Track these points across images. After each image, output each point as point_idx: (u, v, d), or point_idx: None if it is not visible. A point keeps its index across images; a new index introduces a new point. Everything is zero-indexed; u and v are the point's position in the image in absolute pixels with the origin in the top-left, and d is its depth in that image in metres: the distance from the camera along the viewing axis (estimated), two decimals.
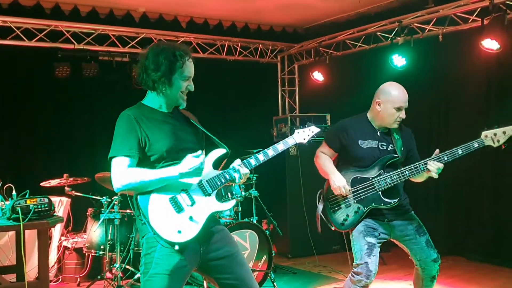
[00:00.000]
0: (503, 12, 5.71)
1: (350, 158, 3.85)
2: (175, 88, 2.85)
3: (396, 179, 3.71)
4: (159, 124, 2.86)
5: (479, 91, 6.63)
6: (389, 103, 3.80)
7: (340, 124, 4.01)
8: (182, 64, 2.82)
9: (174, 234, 2.69)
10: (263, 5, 7.17)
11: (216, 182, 2.89)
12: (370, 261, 3.64)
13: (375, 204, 3.73)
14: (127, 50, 7.18)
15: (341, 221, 3.80)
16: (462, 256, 6.70)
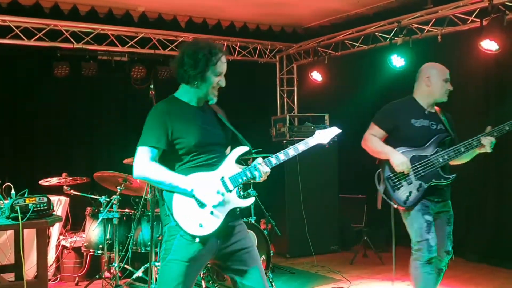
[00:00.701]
0: (502, 13, 5.73)
1: (402, 138, 3.96)
2: (207, 83, 2.96)
3: (452, 155, 3.89)
4: (189, 118, 2.95)
5: (478, 91, 6.64)
6: (437, 76, 4.01)
7: (390, 106, 4.16)
8: (217, 61, 2.94)
9: (196, 228, 2.82)
10: (262, 5, 7.17)
11: (237, 179, 2.96)
12: (430, 237, 3.80)
13: (435, 180, 3.89)
14: (126, 50, 7.19)
15: (404, 199, 3.91)
16: (461, 257, 6.70)
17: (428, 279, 3.86)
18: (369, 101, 7.78)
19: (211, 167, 2.95)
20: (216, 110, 3.15)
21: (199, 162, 2.93)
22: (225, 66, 3.01)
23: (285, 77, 8.98)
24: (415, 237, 3.88)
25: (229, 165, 2.99)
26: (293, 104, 8.99)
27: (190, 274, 2.86)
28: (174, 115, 2.90)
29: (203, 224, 2.84)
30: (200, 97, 3.02)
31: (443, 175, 3.91)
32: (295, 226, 7.09)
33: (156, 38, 7.35)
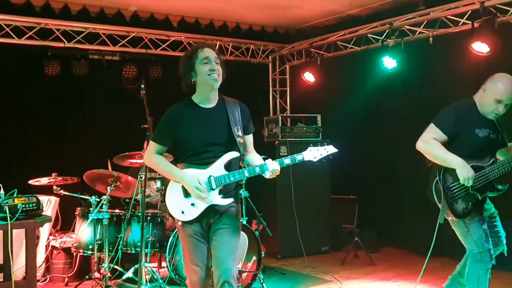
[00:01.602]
0: (493, 15, 5.76)
1: (464, 146, 3.85)
2: (201, 73, 3.34)
3: (508, 167, 3.82)
4: (195, 120, 3.38)
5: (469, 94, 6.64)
6: (492, 94, 3.82)
7: (455, 109, 3.97)
8: (196, 54, 3.36)
9: (179, 213, 3.38)
10: (255, 5, 7.17)
11: (221, 180, 3.35)
12: (490, 246, 3.86)
13: (489, 191, 3.88)
14: (117, 49, 7.16)
15: (461, 210, 3.85)
16: (451, 257, 6.72)
17: (487, 286, 3.91)
18: (361, 102, 7.82)
19: (203, 166, 3.36)
20: (230, 108, 3.46)
21: (196, 160, 3.37)
22: (209, 53, 3.36)
23: (277, 77, 8.98)
24: (476, 248, 3.88)
25: (218, 167, 3.36)
26: (285, 105, 8.99)
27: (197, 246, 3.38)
28: (182, 117, 3.38)
29: (184, 211, 3.37)
30: (206, 91, 3.39)
31: (496, 187, 3.89)
32: (286, 227, 7.08)
33: (148, 38, 7.32)
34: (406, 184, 7.20)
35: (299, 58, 8.53)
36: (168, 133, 3.42)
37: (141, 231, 4.71)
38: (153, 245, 5.39)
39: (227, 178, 3.35)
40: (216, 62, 3.37)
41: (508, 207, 4.38)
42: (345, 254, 6.90)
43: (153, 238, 5.34)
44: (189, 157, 3.39)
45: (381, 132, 7.87)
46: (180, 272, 5.27)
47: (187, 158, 3.39)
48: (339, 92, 8.17)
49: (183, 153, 3.43)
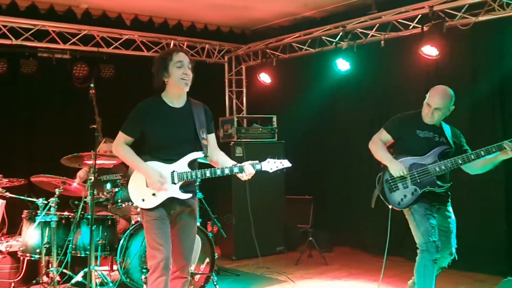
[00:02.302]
0: (442, 20, 5.91)
1: (406, 147, 4.30)
2: (173, 75, 3.60)
3: (449, 166, 4.13)
4: (163, 117, 3.64)
5: (419, 95, 6.70)
6: (427, 98, 4.29)
7: (402, 115, 4.46)
8: (171, 57, 3.61)
9: (139, 200, 3.67)
10: (210, 5, 7.13)
11: (183, 176, 3.65)
12: (436, 239, 4.11)
13: (430, 187, 4.17)
14: (68, 47, 6.97)
15: (398, 201, 4.27)
16: (402, 256, 6.86)
17: (432, 277, 4.17)
18: (316, 103, 7.90)
19: (168, 161, 3.63)
20: (196, 110, 3.72)
21: (160, 156, 3.63)
22: (183, 58, 3.62)
23: (233, 78, 8.96)
24: (422, 239, 4.15)
25: (182, 164, 3.65)
26: (242, 106, 8.98)
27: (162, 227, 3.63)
28: (150, 113, 3.64)
29: (145, 199, 3.65)
30: (175, 92, 3.66)
31: (437, 183, 4.17)
32: (241, 228, 7.06)
33: (100, 36, 7.17)
34: (359, 184, 7.31)
35: (255, 58, 8.54)
36: (136, 125, 3.65)
37: (90, 233, 4.61)
38: (104, 248, 5.27)
39: (189, 175, 3.64)
40: (188, 67, 3.64)
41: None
42: (299, 254, 6.95)
43: (103, 241, 5.23)
44: (154, 151, 3.65)
45: (335, 133, 7.98)
46: (131, 275, 5.17)
47: (153, 152, 3.65)
48: (294, 93, 8.23)
49: (148, 146, 3.67)
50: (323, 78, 7.60)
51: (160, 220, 3.63)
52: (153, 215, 3.64)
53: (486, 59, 6.25)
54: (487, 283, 5.60)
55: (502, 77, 6.08)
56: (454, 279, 5.87)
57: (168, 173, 3.63)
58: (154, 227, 3.62)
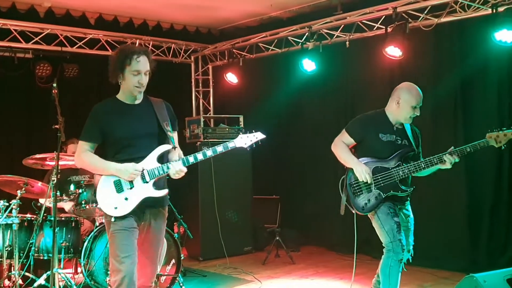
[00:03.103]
0: (405, 21, 6.00)
1: (369, 149, 4.25)
2: (128, 81, 3.44)
3: (412, 170, 4.14)
4: (120, 115, 3.49)
5: (383, 95, 6.81)
6: (407, 102, 4.19)
7: (362, 117, 4.39)
8: (130, 61, 3.40)
9: (111, 209, 3.43)
10: (177, 5, 7.08)
11: (154, 172, 3.45)
12: (401, 237, 4.11)
13: (393, 191, 4.17)
14: (30, 46, 6.81)
15: (362, 205, 4.22)
16: (368, 255, 6.94)
17: (398, 278, 4.17)
18: (283, 103, 7.94)
19: (136, 160, 3.44)
20: (157, 106, 3.58)
21: (125, 156, 3.44)
22: (141, 66, 3.42)
23: (200, 78, 8.92)
24: (388, 239, 4.15)
25: (151, 160, 3.47)
26: (208, 106, 8.95)
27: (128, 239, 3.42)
28: (107, 114, 3.48)
29: (117, 207, 3.42)
30: (129, 95, 3.51)
31: (401, 187, 4.18)
32: (208, 228, 7.03)
33: (64, 35, 7.03)
34: (325, 183, 7.37)
35: (222, 58, 8.52)
36: (95, 128, 3.48)
37: (53, 236, 4.52)
38: (67, 251, 5.18)
39: (161, 170, 3.45)
40: (145, 74, 3.47)
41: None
42: (266, 254, 6.96)
43: (67, 243, 5.14)
44: (118, 152, 3.46)
45: (301, 132, 8.03)
46: (96, 278, 5.10)
47: (116, 154, 3.46)
48: (261, 93, 8.25)
49: (111, 150, 3.49)
50: (290, 78, 7.65)
51: (128, 231, 3.42)
52: (121, 225, 3.42)
53: (448, 59, 6.39)
54: (450, 280, 5.70)
55: (463, 77, 6.23)
56: (419, 276, 5.98)
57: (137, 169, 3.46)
58: (120, 238, 3.41)
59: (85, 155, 3.49)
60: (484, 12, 5.57)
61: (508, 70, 5.89)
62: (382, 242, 4.25)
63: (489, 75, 6.03)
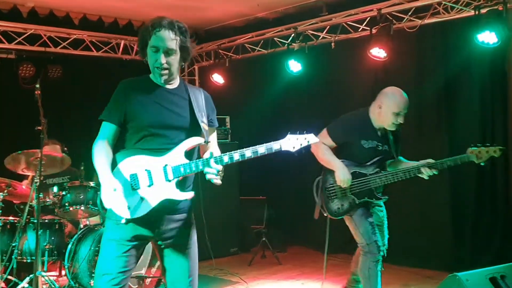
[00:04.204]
0: (390, 22, 6.04)
1: (350, 153, 4.18)
2: (149, 59, 2.91)
3: (390, 179, 4.10)
4: (150, 98, 2.92)
5: (367, 96, 6.85)
6: (389, 108, 4.08)
7: (346, 121, 4.29)
8: (152, 35, 2.86)
9: (124, 209, 2.78)
10: (162, 5, 7.05)
11: (179, 170, 2.84)
12: (377, 238, 4.10)
13: (368, 198, 4.15)
14: (13, 47, 6.76)
15: (335, 209, 4.20)
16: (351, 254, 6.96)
17: (379, 277, 4.17)
18: (269, 103, 7.95)
19: (158, 152, 2.85)
20: (194, 94, 3.03)
21: (148, 146, 2.87)
22: (163, 42, 2.84)
23: (186, 78, 8.89)
24: (363, 240, 4.14)
25: (177, 154, 2.86)
26: None
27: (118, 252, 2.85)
28: (133, 93, 2.91)
29: (131, 206, 2.79)
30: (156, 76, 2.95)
31: (375, 195, 4.17)
32: None
33: (47, 35, 6.98)
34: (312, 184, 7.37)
35: (208, 59, 8.51)
36: (118, 107, 2.90)
37: (36, 238, 4.49)
38: (51, 253, 5.13)
39: (188, 168, 2.83)
40: (168, 52, 2.86)
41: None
42: (252, 255, 6.96)
43: (50, 245, 5.09)
44: (140, 141, 2.88)
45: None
46: (80, 280, 5.06)
47: (137, 143, 2.88)
48: (247, 93, 8.25)
49: (132, 135, 2.90)
50: (275, 78, 7.65)
51: (121, 244, 2.85)
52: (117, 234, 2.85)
53: (431, 60, 6.46)
54: (434, 279, 5.74)
55: (447, 78, 6.29)
56: (403, 275, 6.02)
57: (159, 167, 2.83)
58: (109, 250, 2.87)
59: (99, 145, 2.88)
60: (467, 13, 5.63)
61: (490, 70, 5.97)
62: (358, 243, 4.24)
63: (472, 75, 6.10)
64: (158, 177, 2.83)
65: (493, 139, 5.94)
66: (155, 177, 2.83)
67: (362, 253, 4.17)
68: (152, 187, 2.83)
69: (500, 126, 5.95)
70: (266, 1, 6.97)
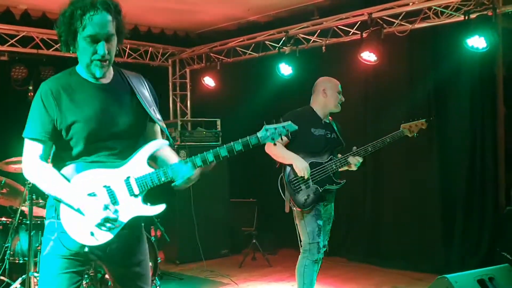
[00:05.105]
0: (380, 27, 6.11)
1: (302, 145, 4.26)
2: (81, 51, 2.35)
3: (343, 163, 4.31)
4: (84, 100, 2.37)
5: (358, 99, 7.02)
6: (332, 89, 4.44)
7: (293, 114, 4.32)
8: (82, 22, 2.28)
9: (86, 236, 2.33)
10: (155, 8, 7.08)
11: (146, 181, 2.41)
12: (320, 240, 4.23)
13: (329, 184, 4.28)
14: (5, 49, 6.75)
15: (302, 201, 4.23)
16: (343, 257, 7.03)
17: (314, 276, 4.31)
18: (260, 107, 7.97)
19: (113, 163, 2.40)
20: (136, 84, 2.52)
21: (98, 158, 2.39)
22: (100, 27, 2.32)
23: (177, 81, 8.93)
24: (307, 239, 4.25)
25: (138, 162, 2.42)
26: (186, 109, 8.96)
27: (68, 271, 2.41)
28: (64, 96, 2.34)
29: (95, 232, 2.33)
30: (89, 72, 2.40)
31: (335, 181, 4.32)
32: (185, 231, 7.02)
33: (40, 38, 6.98)
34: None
35: (199, 62, 8.54)
36: (47, 122, 2.32)
37: (29, 239, 4.49)
38: None
39: (156, 178, 2.42)
40: (108, 39, 2.36)
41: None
42: (243, 256, 6.99)
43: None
44: (83, 153, 2.38)
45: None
46: None
47: (81, 155, 2.38)
48: (238, 97, 8.28)
49: (71, 147, 2.37)
50: (266, 82, 7.69)
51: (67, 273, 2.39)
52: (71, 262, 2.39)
53: (421, 64, 6.53)
54: (424, 281, 5.78)
55: (437, 82, 6.36)
56: (392, 277, 6.08)
57: (120, 181, 2.39)
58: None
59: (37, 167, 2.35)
60: (456, 18, 5.70)
61: (480, 75, 6.03)
62: (301, 240, 4.34)
63: (462, 80, 6.16)
64: (121, 193, 2.39)
65: (483, 142, 6.04)
66: (118, 194, 2.38)
67: (302, 251, 4.31)
68: (118, 206, 2.38)
69: (489, 130, 6.02)
70: (257, 4, 7.03)
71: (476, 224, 6.12)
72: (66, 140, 2.37)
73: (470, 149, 6.13)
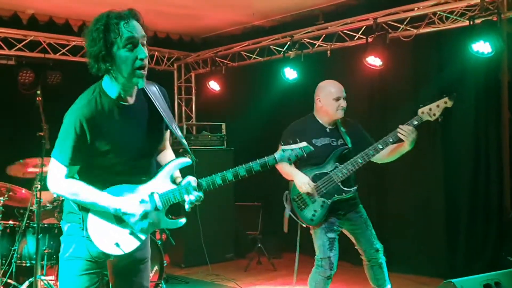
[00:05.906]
0: (385, 31, 6.14)
1: (305, 158, 3.98)
2: (121, 62, 2.35)
3: (351, 169, 4.00)
4: (115, 128, 2.43)
5: (363, 104, 7.03)
6: (327, 96, 4.16)
7: (292, 127, 4.31)
8: (118, 29, 2.31)
9: (111, 246, 2.48)
10: (160, 13, 7.12)
11: (169, 198, 2.56)
12: (332, 254, 4.06)
13: (337, 195, 4.04)
14: (13, 53, 6.82)
15: (310, 217, 4.08)
16: (349, 262, 7.02)
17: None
18: (264, 111, 8.01)
19: (138, 182, 2.54)
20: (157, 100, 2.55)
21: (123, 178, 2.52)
22: (135, 31, 2.36)
23: (183, 85, 8.97)
24: (319, 254, 4.12)
25: (162, 180, 2.56)
26: (191, 113, 9.00)
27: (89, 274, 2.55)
28: (96, 126, 2.39)
29: (120, 243, 2.48)
30: (125, 85, 2.43)
31: (344, 189, 4.06)
32: (190, 235, 7.03)
33: (47, 42, 7.04)
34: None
35: (205, 66, 8.59)
36: (77, 145, 2.39)
37: (36, 242, 4.52)
38: (50, 257, 5.14)
39: (177, 195, 2.56)
40: (144, 43, 2.40)
41: None
42: (248, 261, 7.00)
43: (50, 249, 5.11)
44: (111, 175, 2.50)
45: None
46: None
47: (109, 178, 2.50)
48: (243, 101, 8.32)
49: (99, 171, 2.50)
50: (271, 86, 7.72)
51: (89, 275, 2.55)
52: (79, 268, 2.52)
53: (426, 69, 6.54)
54: (429, 286, 5.80)
55: (441, 87, 6.34)
56: (398, 282, 6.06)
57: (145, 196, 2.54)
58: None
59: (67, 183, 2.45)
60: (461, 23, 5.72)
61: (484, 80, 6.04)
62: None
63: (467, 85, 6.15)
64: (146, 208, 2.53)
65: (488, 147, 6.05)
66: (144, 208, 2.53)
67: (315, 265, 4.16)
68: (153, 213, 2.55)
69: (494, 134, 6.02)
70: (262, 9, 7.06)
71: (481, 229, 6.11)
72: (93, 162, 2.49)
73: (475, 154, 6.13)
